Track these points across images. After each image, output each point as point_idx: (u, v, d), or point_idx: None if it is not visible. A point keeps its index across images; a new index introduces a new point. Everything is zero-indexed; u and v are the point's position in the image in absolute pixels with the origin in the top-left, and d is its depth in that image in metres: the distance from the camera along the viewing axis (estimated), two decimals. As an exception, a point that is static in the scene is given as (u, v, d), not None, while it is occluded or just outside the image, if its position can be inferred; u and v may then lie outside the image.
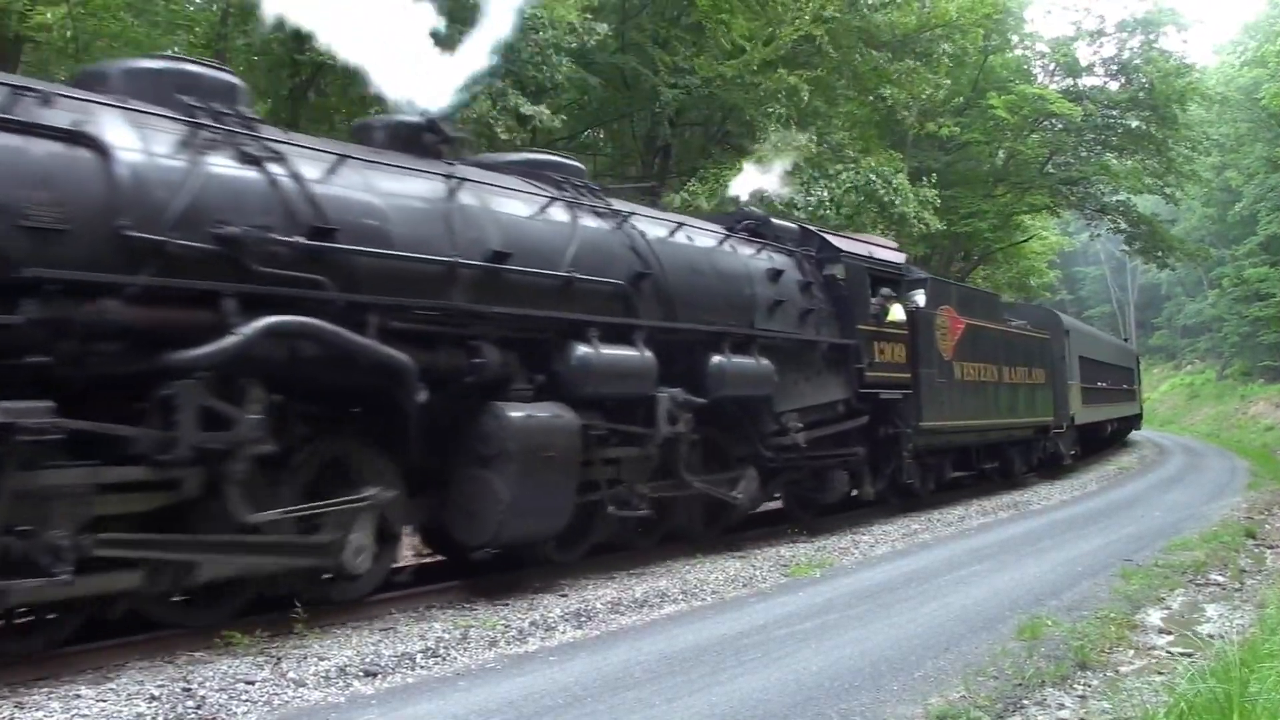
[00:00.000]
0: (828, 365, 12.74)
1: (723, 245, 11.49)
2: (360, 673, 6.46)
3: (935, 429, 15.16)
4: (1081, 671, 6.59)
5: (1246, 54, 46.32)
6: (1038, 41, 33.24)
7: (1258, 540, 12.84)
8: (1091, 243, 61.49)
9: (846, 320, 13.18)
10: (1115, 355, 32.73)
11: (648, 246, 9.99)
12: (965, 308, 16.93)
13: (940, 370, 15.43)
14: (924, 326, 15.12)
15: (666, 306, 10.07)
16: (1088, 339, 27.71)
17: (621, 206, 10.36)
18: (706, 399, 10.22)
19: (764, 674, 6.40)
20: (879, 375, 13.60)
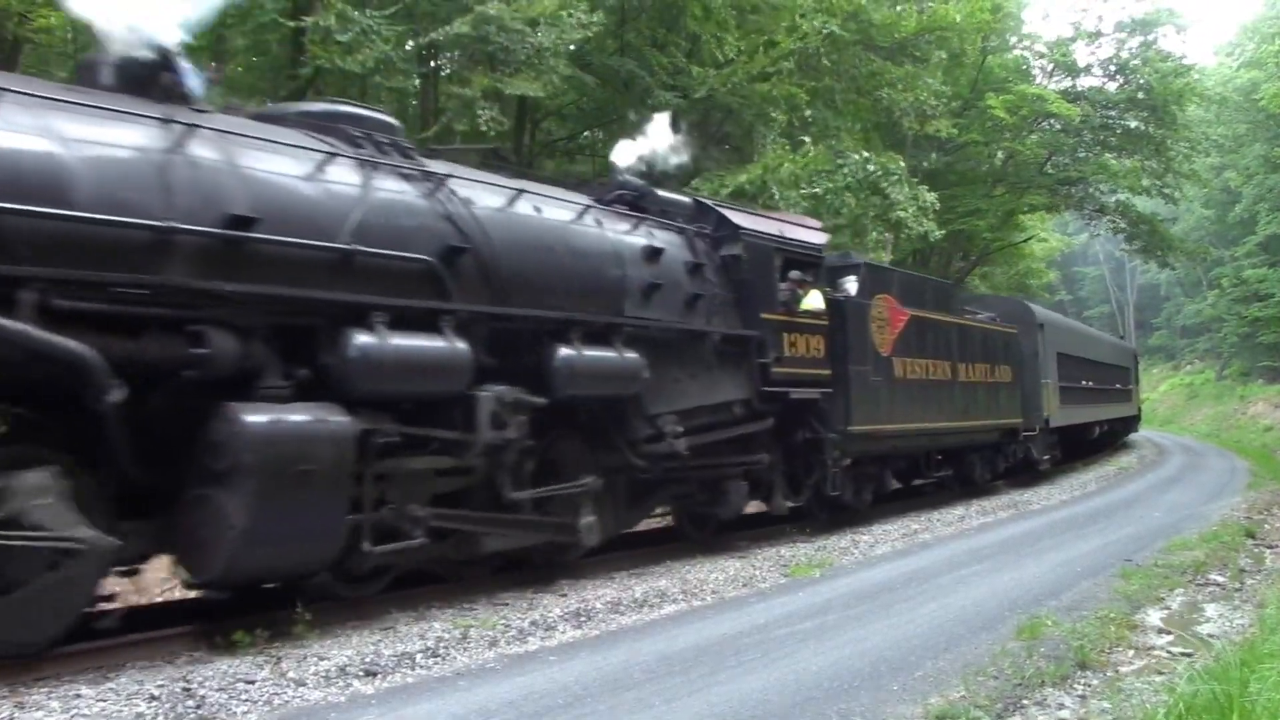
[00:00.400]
0: (722, 360, 11.02)
1: (584, 219, 9.67)
2: (360, 672, 6.46)
3: (870, 433, 13.65)
4: (1081, 671, 6.59)
5: (1244, 56, 46.37)
6: (1036, 42, 33.26)
7: (1257, 540, 12.85)
8: (1091, 243, 61.72)
9: (748, 308, 11.47)
10: (1106, 353, 30.89)
11: (471, 217, 8.32)
12: (911, 297, 15.15)
13: (876, 367, 13.80)
14: (854, 318, 13.46)
15: (497, 289, 8.39)
16: (1068, 334, 25.53)
17: (441, 169, 8.59)
18: (550, 399, 8.64)
19: (764, 674, 6.40)
20: (790, 371, 11.92)
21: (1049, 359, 21.41)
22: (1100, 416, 28.01)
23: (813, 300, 12.50)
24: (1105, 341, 33.67)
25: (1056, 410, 21.73)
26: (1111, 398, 29.98)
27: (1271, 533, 13.67)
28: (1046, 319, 22.53)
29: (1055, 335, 22.59)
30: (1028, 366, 19.91)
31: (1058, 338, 22.87)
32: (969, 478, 17.97)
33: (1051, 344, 21.78)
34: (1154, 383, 61.58)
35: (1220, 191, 50.49)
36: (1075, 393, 24.40)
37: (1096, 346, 29.54)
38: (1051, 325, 22.77)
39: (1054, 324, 23.80)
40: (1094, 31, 33.44)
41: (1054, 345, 22.08)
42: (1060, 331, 24.04)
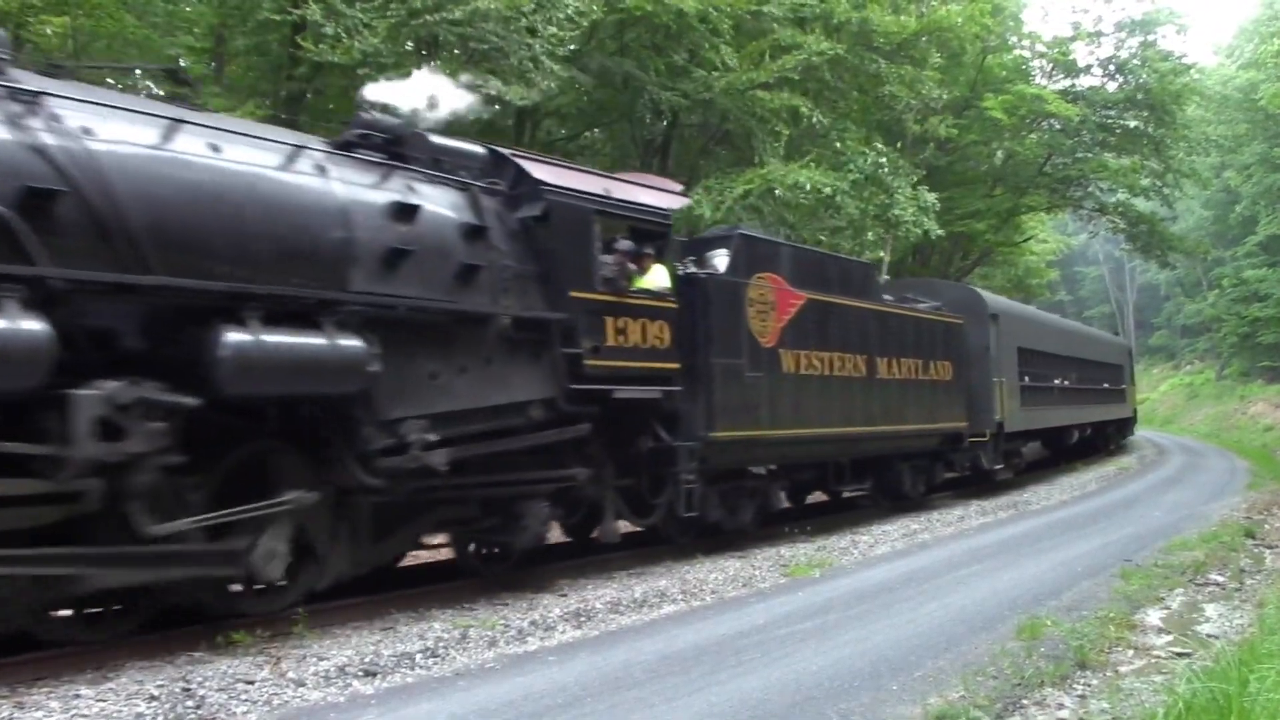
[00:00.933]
0: (513, 351, 8.66)
1: (295, 164, 7.42)
2: (360, 672, 6.47)
3: (745, 440, 11.31)
4: (1081, 671, 6.60)
5: (1243, 57, 46.39)
6: (1037, 42, 33.25)
7: (1257, 540, 12.85)
8: (1091, 243, 61.73)
9: (555, 284, 9.04)
10: (1090, 349, 28.13)
11: (83, 152, 6.24)
12: (809, 279, 12.72)
13: (754, 360, 11.45)
14: (720, 300, 11.08)
15: (124, 251, 6.28)
16: (1032, 326, 22.27)
17: (40, 87, 6.39)
18: (213, 399, 6.53)
19: (764, 674, 6.41)
20: (613, 365, 9.45)
21: (1006, 354, 18.73)
22: (1081, 419, 25.51)
23: (655, 277, 10.21)
24: (1089, 337, 30.85)
25: (1015, 412, 19.01)
26: (1098, 398, 27.64)
27: (1271, 533, 13.66)
28: (1002, 309, 19.55)
29: (1014, 327, 19.85)
30: (975, 363, 17.37)
31: (1018, 330, 20.17)
32: (898, 490, 15.39)
33: (1009, 337, 19.13)
34: (1154, 383, 61.61)
35: (1220, 191, 50.53)
36: (1043, 393, 21.87)
37: (1075, 341, 26.62)
38: (1009, 316, 19.84)
39: (1013, 315, 20.58)
40: (1094, 31, 33.46)
41: (1012, 339, 19.40)
42: (1021, 323, 20.95)
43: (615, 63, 17.53)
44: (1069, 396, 24.34)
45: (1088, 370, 26.46)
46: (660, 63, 17.38)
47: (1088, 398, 26.25)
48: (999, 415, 17.87)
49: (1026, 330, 21.12)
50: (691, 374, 10.52)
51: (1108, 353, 30.82)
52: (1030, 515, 15.65)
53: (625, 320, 9.66)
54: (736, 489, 11.80)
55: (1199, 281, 57.92)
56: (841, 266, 14.24)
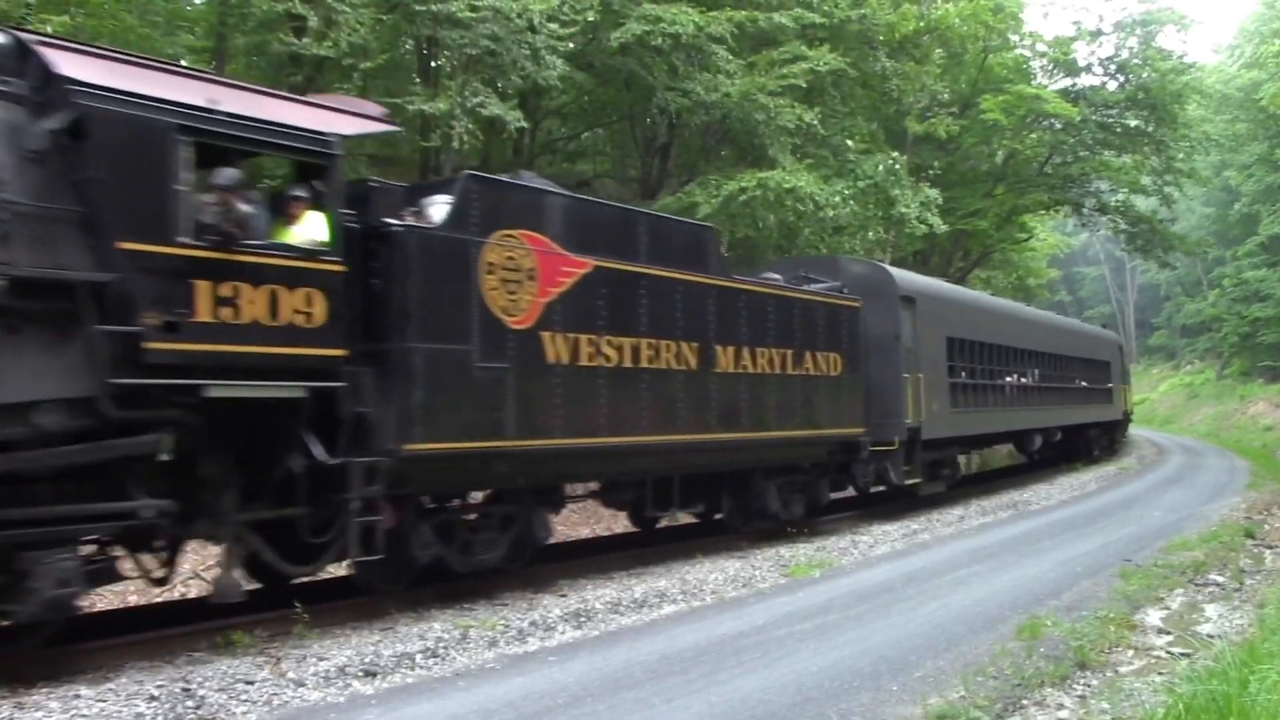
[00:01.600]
0: (10, 326, 6.03)
1: None
2: (360, 672, 6.47)
3: (470, 455, 8.38)
4: (1081, 671, 6.61)
5: (1244, 57, 46.42)
6: (1038, 41, 33.28)
7: (1257, 540, 12.86)
8: (1091, 242, 61.79)
9: (98, 231, 6.31)
10: (1064, 343, 24.74)
11: None
12: (595, 240, 9.62)
13: (491, 347, 8.44)
14: (428, 264, 8.11)
15: None
16: (970, 313, 18.64)
17: None
18: None
19: (764, 674, 6.41)
20: (209, 349, 6.66)
21: (928, 345, 15.67)
22: (1048, 422, 22.43)
23: (307, 228, 7.51)
24: (1061, 329, 26.56)
25: (941, 415, 15.82)
26: (1076, 399, 24.75)
27: (1271, 533, 13.67)
28: (922, 291, 16.12)
29: (941, 314, 16.55)
30: (880, 355, 14.40)
31: (946, 317, 16.85)
32: (763, 512, 12.32)
33: (933, 325, 15.96)
34: (1154, 382, 61.60)
35: (1220, 191, 50.54)
36: (985, 392, 18.63)
37: (1040, 333, 22.97)
38: (932, 300, 16.42)
39: (939, 299, 17.05)
40: (1094, 30, 33.48)
41: (938, 327, 16.26)
42: (952, 309, 17.52)
43: (619, 62, 17.51)
44: (1030, 396, 21.22)
45: (1060, 367, 23.56)
46: (662, 64, 17.35)
47: (1059, 398, 23.27)
48: (911, 418, 14.63)
49: (961, 318, 17.77)
50: (375, 365, 7.69)
51: (1089, 348, 27.62)
52: (1030, 515, 15.65)
53: (237, 286, 6.80)
54: (485, 519, 9.02)
55: (1199, 281, 57.96)
56: (658, 228, 10.72)
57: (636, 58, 17.06)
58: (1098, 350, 28.39)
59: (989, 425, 18.87)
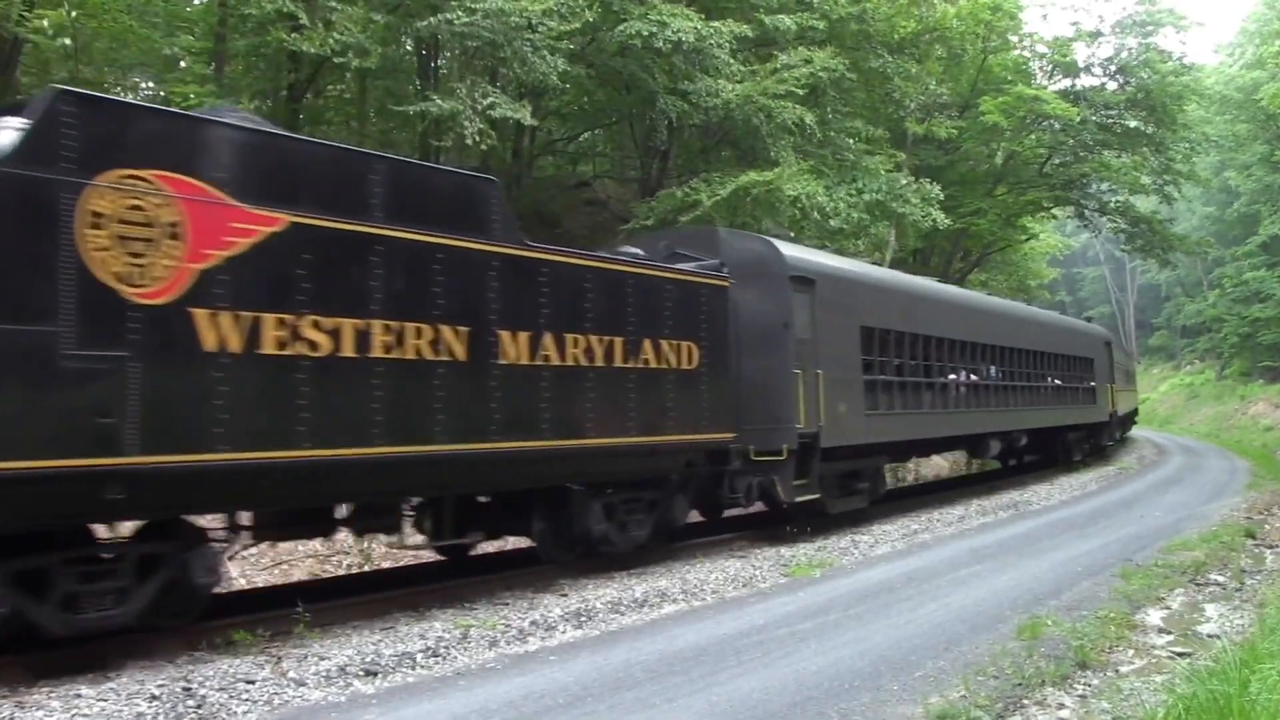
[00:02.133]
0: None
1: None
2: (360, 672, 6.47)
3: (47, 478, 6.05)
4: (1081, 671, 6.60)
5: (1245, 57, 46.47)
6: (1037, 42, 33.33)
7: (1257, 540, 12.85)
8: (1091, 243, 61.79)
9: None
10: (1034, 337, 21.87)
11: None
12: (295, 188, 7.48)
13: (94, 328, 6.26)
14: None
15: None
16: (896, 300, 15.72)
17: None
18: None
19: (764, 674, 6.41)
20: None
21: (835, 336, 13.35)
22: (1007, 425, 19.68)
23: None
24: (1028, 320, 22.92)
25: (849, 418, 13.45)
26: (1047, 399, 22.24)
27: (1271, 533, 13.66)
28: (822, 271, 13.48)
29: (852, 299, 14.08)
30: (762, 347, 12.21)
31: (862, 303, 14.32)
32: (585, 537, 9.89)
33: (841, 312, 13.59)
34: (1154, 383, 61.62)
35: (1220, 191, 50.58)
36: (917, 392, 15.93)
37: (1001, 325, 20.10)
38: (838, 282, 13.85)
39: (848, 281, 14.40)
40: (1093, 31, 33.51)
41: (848, 314, 13.84)
42: (869, 294, 14.80)
43: (619, 63, 17.51)
44: (984, 397, 18.58)
45: (1026, 363, 20.99)
46: (662, 65, 17.35)
47: (1025, 398, 20.73)
48: (803, 423, 12.21)
49: (883, 305, 15.06)
50: None
51: (1066, 343, 24.77)
52: (1030, 515, 15.65)
53: None
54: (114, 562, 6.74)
55: (1199, 282, 57.99)
56: (404, 177, 8.25)
57: (636, 59, 17.06)
58: (1077, 346, 25.57)
59: (923, 430, 16.27)
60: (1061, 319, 27.86)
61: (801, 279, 12.75)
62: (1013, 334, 20.44)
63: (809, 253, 14.24)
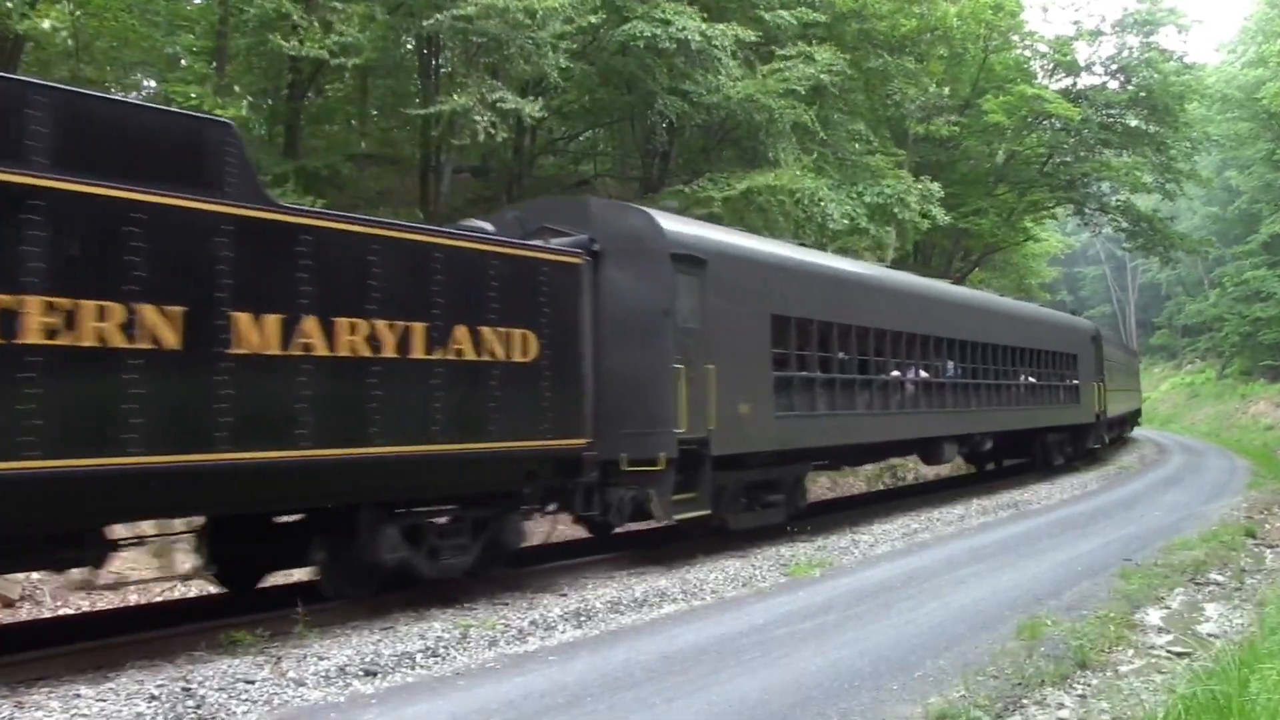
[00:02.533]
0: None
1: None
2: (360, 672, 6.47)
3: None
4: (1081, 671, 6.60)
5: (1247, 55, 46.46)
6: (1039, 42, 33.33)
7: (1257, 540, 12.85)
8: (1091, 242, 61.76)
9: None
10: (999, 329, 19.49)
11: None
12: None
13: None
14: None
15: None
16: (813, 283, 13.48)
17: None
18: None
19: (764, 674, 6.41)
20: None
21: (735, 326, 11.49)
22: (968, 428, 17.78)
23: None
24: (996, 311, 20.54)
25: (751, 422, 11.57)
26: (1020, 399, 20.24)
27: (1272, 533, 13.66)
28: (717, 249, 11.46)
29: (759, 283, 12.16)
30: (634, 338, 10.26)
31: (773, 288, 12.38)
32: (375, 567, 8.19)
33: (742, 298, 11.71)
34: (1155, 382, 61.59)
35: (1221, 191, 50.55)
36: (847, 392, 13.79)
37: (960, 317, 17.87)
38: (739, 263, 11.92)
39: (752, 262, 12.31)
40: (1094, 30, 33.52)
41: (755, 301, 11.95)
42: (781, 277, 12.72)
43: (620, 62, 17.50)
44: (936, 396, 16.57)
45: (993, 359, 18.85)
46: (663, 65, 17.34)
47: (991, 397, 18.68)
48: (684, 427, 10.19)
49: (801, 291, 12.99)
50: None
51: (1046, 337, 22.33)
52: (1030, 515, 15.64)
53: None
54: None
55: (1200, 281, 57.96)
56: (83, 113, 6.54)
57: (637, 59, 17.05)
58: (1057, 340, 23.09)
59: (857, 433, 14.23)
60: (1040, 311, 25.17)
61: (688, 258, 10.78)
62: (977, 327, 18.46)
63: (701, 228, 12.14)
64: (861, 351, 14.35)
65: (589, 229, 10.47)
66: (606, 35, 16.72)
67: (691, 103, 17.63)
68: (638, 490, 10.11)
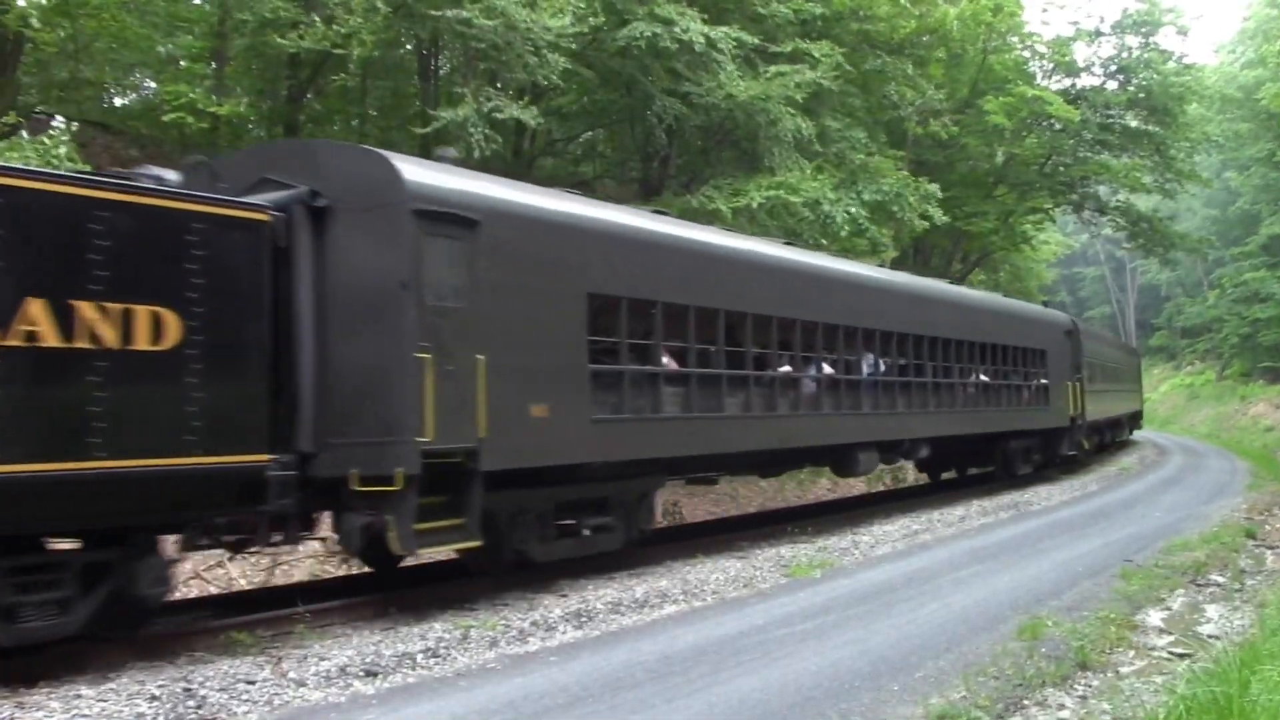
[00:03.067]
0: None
1: None
2: (361, 672, 6.47)
3: None
4: (1082, 672, 6.60)
5: (1246, 55, 46.51)
6: (1037, 43, 33.35)
7: (1258, 541, 12.85)
8: (1091, 243, 61.77)
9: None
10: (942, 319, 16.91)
11: None
12: None
13: None
14: None
15: None
16: (651, 255, 10.89)
17: None
18: None
19: (764, 674, 6.40)
20: None
21: (522, 303, 9.04)
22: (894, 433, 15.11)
23: None
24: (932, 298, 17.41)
25: (544, 427, 9.10)
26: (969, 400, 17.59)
27: (1272, 533, 13.66)
28: (486, 204, 8.95)
29: (560, 250, 9.64)
30: (360, 318, 8.14)
31: (583, 257, 9.87)
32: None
33: (535, 267, 9.27)
34: (1155, 383, 61.62)
35: (1221, 191, 50.59)
36: (706, 390, 11.25)
37: (878, 302, 15.22)
38: (525, 224, 9.35)
39: (544, 223, 9.60)
40: (1093, 31, 33.54)
41: (556, 273, 9.52)
42: (598, 243, 10.19)
43: (619, 64, 17.49)
44: (849, 397, 13.98)
45: (937, 354, 16.36)
46: (662, 67, 17.33)
47: (927, 398, 16.03)
48: (431, 435, 7.87)
49: (633, 264, 10.46)
50: None
51: (1005, 330, 19.42)
52: (1031, 515, 15.64)
53: None
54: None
55: (1200, 282, 57.98)
56: None
57: (637, 61, 17.05)
58: (1020, 334, 19.90)
59: (721, 441, 11.56)
60: (1000, 301, 22.30)
61: (446, 217, 8.35)
62: (910, 317, 15.72)
63: (473, 180, 9.38)
64: (735, 342, 11.76)
65: (317, 180, 8.29)
66: (608, 37, 16.71)
67: (690, 104, 17.61)
68: (372, 516, 7.80)
